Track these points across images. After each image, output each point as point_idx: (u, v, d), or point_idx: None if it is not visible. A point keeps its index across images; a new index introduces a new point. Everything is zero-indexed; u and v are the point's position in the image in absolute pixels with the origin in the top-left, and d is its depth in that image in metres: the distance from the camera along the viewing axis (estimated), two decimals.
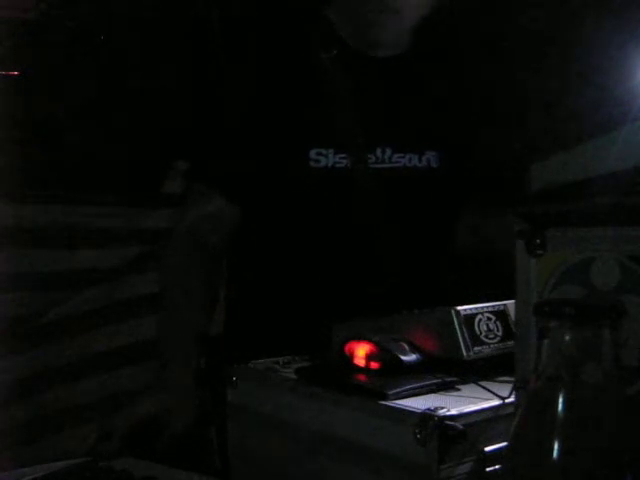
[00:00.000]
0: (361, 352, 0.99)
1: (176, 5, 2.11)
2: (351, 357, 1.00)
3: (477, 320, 1.03)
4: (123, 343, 2.06)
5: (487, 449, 0.85)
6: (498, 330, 1.04)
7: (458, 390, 0.94)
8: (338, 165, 1.43)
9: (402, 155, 1.47)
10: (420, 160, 1.48)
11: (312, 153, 1.42)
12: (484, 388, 0.92)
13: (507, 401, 0.87)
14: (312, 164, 1.42)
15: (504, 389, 0.88)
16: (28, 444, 1.85)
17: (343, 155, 1.43)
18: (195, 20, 2.10)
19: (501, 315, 1.05)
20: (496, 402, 0.88)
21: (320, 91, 1.44)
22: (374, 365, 0.98)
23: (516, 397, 0.82)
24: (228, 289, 1.61)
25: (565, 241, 0.79)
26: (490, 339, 1.02)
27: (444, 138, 1.50)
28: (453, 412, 0.84)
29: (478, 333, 1.02)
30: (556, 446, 0.64)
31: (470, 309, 1.03)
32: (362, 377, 0.97)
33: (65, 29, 2.03)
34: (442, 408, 0.84)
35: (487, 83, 1.55)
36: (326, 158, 1.42)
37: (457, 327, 1.01)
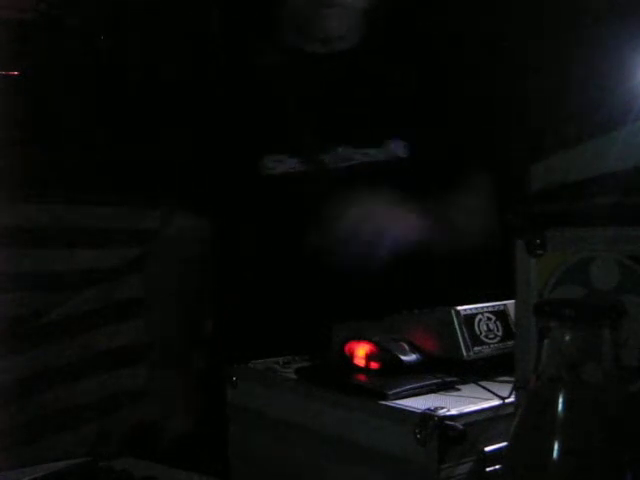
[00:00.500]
0: (361, 352, 0.99)
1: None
2: (351, 357, 1.00)
3: (477, 320, 1.03)
4: (123, 343, 2.06)
5: (487, 449, 0.85)
6: (498, 330, 1.04)
7: (458, 390, 0.94)
8: (295, 169, 1.41)
9: (363, 151, 1.44)
10: (382, 152, 1.46)
11: (269, 160, 1.41)
12: (484, 388, 0.92)
13: (507, 401, 0.87)
14: (269, 172, 1.40)
15: (504, 389, 0.88)
16: (28, 444, 1.85)
17: (299, 159, 1.41)
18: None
19: (501, 315, 1.05)
20: (496, 402, 0.88)
21: (270, 96, 1.43)
22: (374, 365, 0.98)
23: (516, 397, 0.82)
24: (227, 289, 1.61)
25: (565, 241, 0.79)
26: (490, 339, 1.02)
27: (405, 128, 1.47)
28: (453, 412, 0.84)
29: (478, 333, 1.02)
30: (556, 446, 0.64)
31: (470, 309, 1.03)
32: (362, 377, 0.97)
33: (65, 29, 2.03)
34: (442, 408, 0.84)
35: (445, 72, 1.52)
36: (283, 164, 1.41)
37: (457, 327, 1.01)
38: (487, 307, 1.05)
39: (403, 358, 0.98)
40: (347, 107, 1.44)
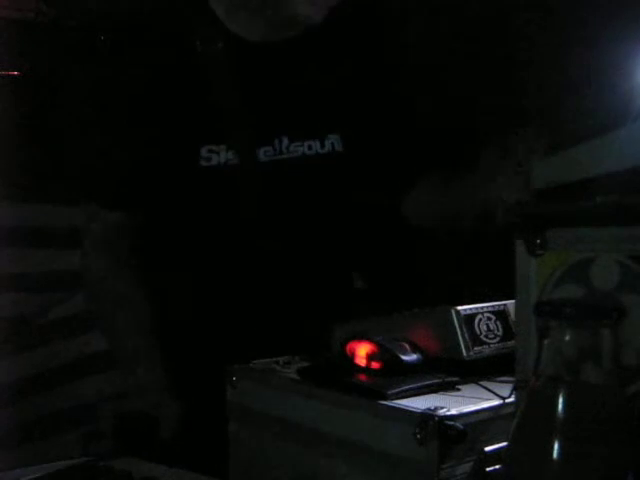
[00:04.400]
0: (362, 352, 0.99)
1: None
2: (352, 357, 1.00)
3: (477, 320, 1.03)
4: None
5: (487, 449, 0.85)
6: (498, 330, 1.04)
7: (458, 390, 0.94)
8: (231, 162, 1.37)
9: (300, 143, 1.40)
10: (322, 146, 1.42)
11: (203, 151, 1.36)
12: (484, 388, 0.92)
13: (507, 401, 0.87)
14: (203, 163, 1.36)
15: (504, 389, 0.88)
16: (28, 444, 1.85)
17: (234, 151, 1.36)
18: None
19: (501, 315, 1.05)
20: (496, 402, 0.88)
21: (206, 86, 1.37)
22: (375, 365, 0.98)
23: (516, 397, 0.82)
24: (227, 289, 1.61)
25: (565, 241, 0.79)
26: (490, 339, 1.02)
27: (347, 120, 1.43)
28: (453, 412, 0.84)
29: (478, 333, 1.02)
30: (556, 446, 0.64)
31: (470, 309, 1.03)
32: (363, 377, 0.97)
33: (65, 29, 2.03)
34: (442, 408, 0.84)
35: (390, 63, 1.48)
36: (218, 155, 1.36)
37: (457, 327, 1.01)
38: (487, 307, 1.05)
39: (404, 358, 0.98)
40: (286, 100, 1.40)
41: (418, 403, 0.87)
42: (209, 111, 1.36)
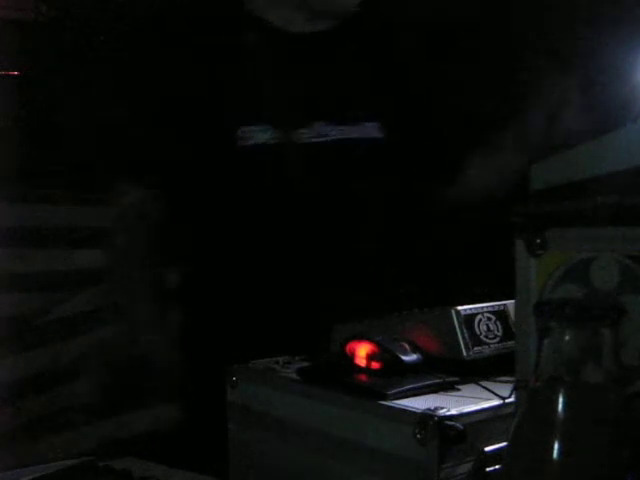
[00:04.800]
0: (362, 352, 0.99)
1: None
2: (352, 357, 1.00)
3: (477, 320, 1.03)
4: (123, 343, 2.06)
5: (487, 449, 0.85)
6: (498, 330, 1.04)
7: (458, 390, 0.94)
8: (270, 142, 1.41)
9: (337, 128, 1.44)
10: (359, 132, 1.46)
11: (242, 131, 1.40)
12: (484, 388, 0.92)
13: (507, 401, 0.87)
14: (243, 142, 1.40)
15: (504, 389, 0.88)
16: (27, 444, 1.85)
17: (274, 131, 1.41)
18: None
19: (501, 315, 1.05)
20: (496, 402, 0.88)
21: (247, 70, 1.42)
22: (375, 365, 0.98)
23: (516, 397, 0.82)
24: (226, 289, 1.61)
25: (565, 241, 0.79)
26: (490, 339, 1.02)
27: (385, 109, 1.47)
28: (453, 412, 0.84)
29: (478, 333, 1.02)
30: (556, 446, 0.64)
31: (470, 309, 1.03)
32: (363, 377, 0.97)
33: (65, 29, 2.03)
34: (442, 408, 0.84)
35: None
36: (258, 135, 1.40)
37: (457, 327, 1.01)
38: (487, 307, 1.05)
39: (404, 358, 0.98)
40: (326, 84, 1.44)
41: (418, 403, 0.87)
42: (249, 93, 1.41)
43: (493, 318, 1.04)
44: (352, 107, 1.45)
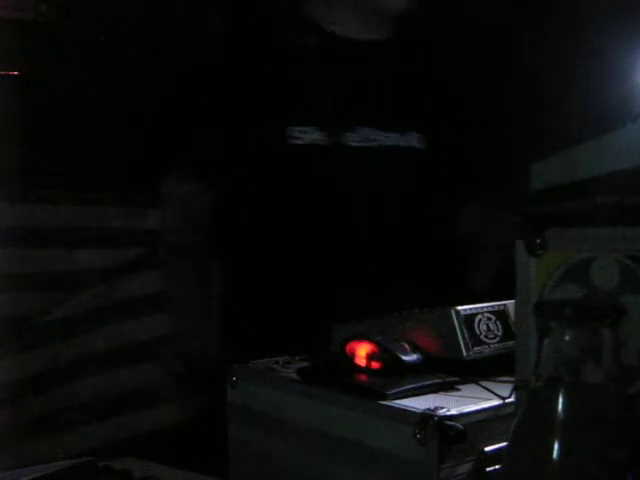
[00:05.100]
0: (362, 352, 0.99)
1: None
2: (352, 357, 1.00)
3: (477, 320, 1.03)
4: (123, 343, 2.06)
5: (487, 449, 0.85)
6: (498, 330, 1.04)
7: (458, 390, 0.94)
8: (319, 142, 1.45)
9: (384, 134, 1.48)
10: (404, 140, 1.50)
11: (294, 131, 1.44)
12: (484, 388, 0.92)
13: (507, 401, 0.87)
14: (294, 141, 1.44)
15: (504, 389, 0.88)
16: (28, 444, 1.85)
17: (323, 133, 1.45)
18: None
19: (501, 315, 1.05)
20: (496, 402, 0.88)
21: (302, 73, 1.47)
22: (375, 365, 0.98)
23: (516, 397, 0.82)
24: (227, 289, 1.61)
25: (565, 241, 0.79)
26: (490, 339, 1.02)
27: (430, 120, 1.51)
28: (453, 412, 0.84)
29: (478, 333, 1.02)
30: (556, 446, 0.64)
31: (470, 309, 1.03)
32: (363, 377, 0.97)
33: (65, 29, 2.03)
34: (442, 408, 0.84)
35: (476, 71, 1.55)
36: (308, 135, 1.44)
37: (457, 327, 1.01)
38: (487, 307, 1.05)
39: (404, 358, 0.98)
40: (376, 91, 1.50)
41: (418, 403, 0.87)
42: (303, 95, 1.46)
43: (493, 318, 1.04)
44: (400, 116, 1.50)
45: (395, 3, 1.46)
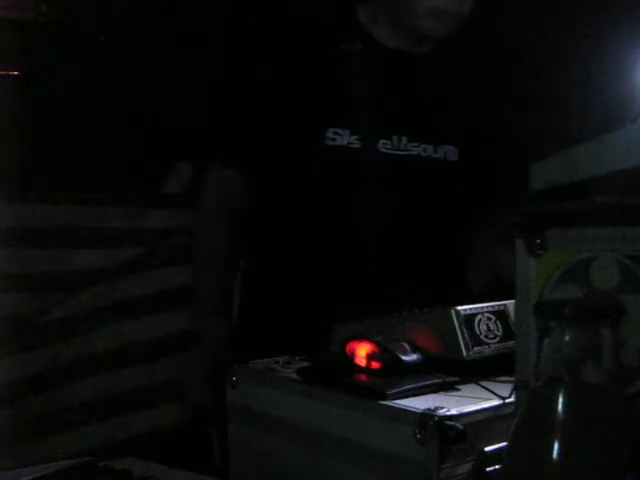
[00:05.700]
0: (362, 352, 0.99)
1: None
2: (352, 357, 1.00)
3: (477, 320, 1.03)
4: (123, 343, 2.06)
5: (487, 449, 0.85)
6: (498, 330, 1.04)
7: (458, 390, 0.94)
8: (352, 145, 1.47)
9: (417, 144, 1.50)
10: (436, 151, 1.51)
11: (329, 132, 1.46)
12: (484, 388, 0.92)
13: (507, 401, 0.87)
14: (328, 142, 1.46)
15: (504, 389, 0.88)
16: (28, 444, 1.85)
17: (357, 137, 1.47)
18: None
19: (501, 315, 1.05)
20: (496, 402, 0.88)
21: (342, 78, 1.49)
22: (375, 365, 0.98)
23: (516, 397, 0.82)
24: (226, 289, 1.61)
25: (565, 241, 0.79)
26: (490, 339, 1.02)
27: (464, 134, 1.53)
28: (453, 412, 0.84)
29: (478, 333, 1.02)
30: (556, 446, 0.64)
31: (470, 309, 1.03)
32: (363, 377, 0.97)
33: (65, 29, 2.03)
34: (442, 408, 0.84)
35: (511, 84, 1.58)
36: (342, 137, 1.46)
37: (457, 327, 1.01)
38: (487, 307, 1.05)
39: (404, 358, 0.97)
40: (412, 103, 1.51)
41: (418, 403, 0.87)
42: (341, 99, 1.49)
43: (493, 318, 1.04)
44: (435, 128, 1.52)
45: (431, 29, 1.48)
